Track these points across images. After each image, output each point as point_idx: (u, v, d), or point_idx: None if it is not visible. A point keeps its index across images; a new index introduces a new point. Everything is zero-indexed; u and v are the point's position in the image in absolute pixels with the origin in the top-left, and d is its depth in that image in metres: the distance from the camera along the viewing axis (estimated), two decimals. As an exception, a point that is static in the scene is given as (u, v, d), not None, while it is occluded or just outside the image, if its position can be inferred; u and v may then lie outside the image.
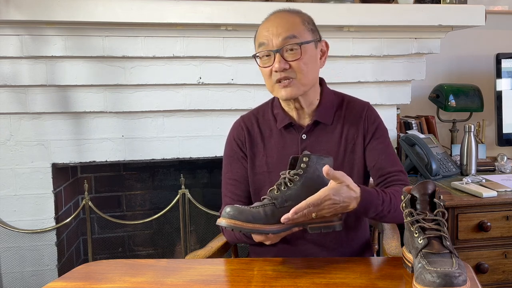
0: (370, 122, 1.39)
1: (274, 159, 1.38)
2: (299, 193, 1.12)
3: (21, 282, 2.02)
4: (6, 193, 1.98)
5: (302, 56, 1.27)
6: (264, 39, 1.29)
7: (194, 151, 2.11)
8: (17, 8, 1.77)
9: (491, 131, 2.54)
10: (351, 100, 1.44)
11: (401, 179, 1.34)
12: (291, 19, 1.31)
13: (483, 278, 1.86)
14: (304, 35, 1.30)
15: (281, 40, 1.27)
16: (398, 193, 1.25)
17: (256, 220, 1.08)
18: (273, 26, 1.29)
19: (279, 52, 1.27)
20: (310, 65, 1.31)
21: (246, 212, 1.08)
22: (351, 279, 1.08)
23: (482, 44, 2.59)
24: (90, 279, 1.13)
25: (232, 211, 1.08)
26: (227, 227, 1.08)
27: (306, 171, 1.14)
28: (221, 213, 1.10)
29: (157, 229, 2.51)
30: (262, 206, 1.10)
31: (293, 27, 1.29)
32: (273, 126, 1.41)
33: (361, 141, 1.37)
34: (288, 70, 1.28)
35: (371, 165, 1.37)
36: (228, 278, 1.15)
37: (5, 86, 1.91)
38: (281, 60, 1.27)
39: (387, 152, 1.37)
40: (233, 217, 1.07)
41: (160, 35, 1.96)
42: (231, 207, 1.09)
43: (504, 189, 1.91)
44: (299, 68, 1.28)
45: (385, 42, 2.14)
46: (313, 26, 1.34)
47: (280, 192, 1.12)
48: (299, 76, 1.29)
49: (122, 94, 2.01)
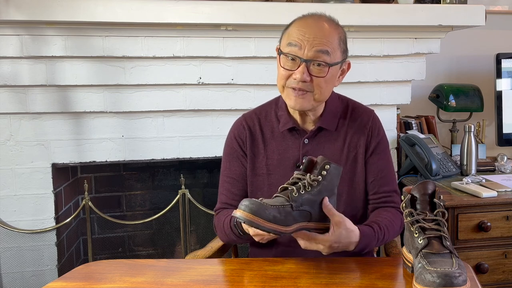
0: (374, 134, 1.39)
1: (274, 161, 1.38)
2: (315, 199, 1.12)
3: (21, 282, 2.02)
4: (6, 193, 1.98)
5: (327, 75, 1.26)
6: (297, 42, 1.24)
7: (194, 151, 2.11)
8: (17, 8, 1.77)
9: (491, 131, 2.54)
10: (356, 106, 1.43)
11: (394, 201, 1.37)
12: (330, 33, 1.26)
13: (483, 278, 1.86)
14: (336, 55, 1.27)
15: (314, 53, 1.23)
16: (391, 224, 1.30)
17: (275, 220, 1.05)
18: (311, 33, 1.24)
19: (306, 63, 1.24)
20: (330, 84, 1.29)
21: (267, 210, 1.04)
22: (351, 279, 1.08)
23: (482, 44, 2.59)
24: (90, 279, 1.13)
25: (253, 206, 1.03)
26: (245, 221, 1.03)
27: (325, 179, 1.14)
28: (239, 206, 1.05)
29: (157, 229, 2.50)
30: (281, 206, 1.07)
31: (329, 43, 1.25)
32: (275, 128, 1.40)
33: (362, 152, 1.37)
34: (307, 83, 1.25)
35: (369, 181, 1.38)
36: (228, 278, 1.15)
37: (5, 86, 1.91)
38: (306, 72, 1.24)
39: (386, 169, 1.39)
40: (254, 212, 1.03)
41: (160, 35, 1.96)
42: (250, 201, 1.04)
43: (504, 189, 1.91)
44: (318, 85, 1.26)
45: (385, 42, 2.14)
46: (345, 46, 1.32)
47: (298, 195, 1.10)
48: (315, 92, 1.27)
49: (122, 94, 2.01)
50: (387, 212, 1.34)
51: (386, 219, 1.30)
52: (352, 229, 1.17)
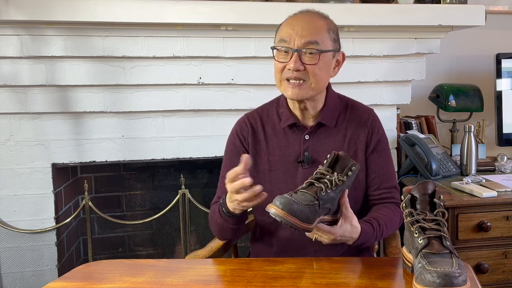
0: (374, 132, 1.41)
1: (276, 157, 1.40)
2: (336, 197, 1.14)
3: (21, 282, 2.02)
4: (6, 193, 1.98)
5: (319, 62, 1.29)
6: (287, 36, 1.29)
7: (194, 151, 2.11)
8: (17, 8, 1.77)
9: (491, 131, 2.54)
10: (355, 104, 1.46)
11: (394, 197, 1.41)
12: (318, 23, 1.32)
13: (483, 278, 1.86)
14: (326, 43, 1.31)
15: (303, 43, 1.28)
16: (390, 221, 1.33)
17: (308, 219, 1.06)
18: (299, 26, 1.29)
19: (297, 52, 1.28)
20: (324, 72, 1.32)
21: (300, 209, 1.05)
22: (351, 279, 1.08)
23: (482, 44, 2.59)
24: (90, 279, 1.13)
25: (289, 205, 1.04)
26: (281, 220, 1.03)
27: (350, 179, 1.16)
28: (274, 202, 1.05)
29: (157, 229, 2.50)
30: (311, 206, 1.08)
31: (317, 32, 1.30)
32: (277, 125, 1.42)
33: (363, 148, 1.40)
34: (302, 72, 1.29)
35: (370, 177, 1.41)
36: (228, 278, 1.15)
37: (5, 86, 1.91)
38: (298, 61, 1.28)
39: (386, 167, 1.42)
40: (291, 212, 1.03)
41: (160, 35, 1.96)
42: (284, 199, 1.05)
43: (504, 189, 1.91)
44: (313, 72, 1.29)
45: (385, 42, 2.14)
46: (336, 36, 1.36)
47: (326, 194, 1.11)
48: (310, 80, 1.30)
49: (122, 94, 2.01)
50: (386, 209, 1.36)
51: (386, 216, 1.33)
52: (356, 226, 1.21)
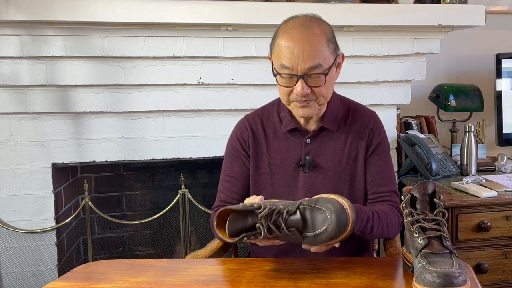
0: (375, 135, 1.40)
1: (277, 160, 1.39)
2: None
3: (21, 282, 2.02)
4: (6, 193, 1.98)
5: (325, 83, 1.27)
6: (288, 62, 1.24)
7: (194, 151, 2.11)
8: (17, 8, 1.77)
9: (491, 131, 2.54)
10: (357, 107, 1.45)
11: (392, 200, 1.38)
12: (316, 40, 1.25)
13: (483, 278, 1.86)
14: (328, 59, 1.26)
15: (307, 68, 1.23)
16: (384, 214, 1.29)
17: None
18: (299, 49, 1.23)
19: (303, 78, 1.24)
20: (330, 87, 1.31)
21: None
22: (351, 279, 1.08)
23: (482, 44, 2.59)
24: (90, 279, 1.13)
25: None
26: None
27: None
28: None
29: (157, 229, 2.50)
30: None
31: (319, 53, 1.24)
32: (278, 128, 1.41)
33: (363, 151, 1.39)
34: (309, 94, 1.27)
35: (368, 180, 1.39)
36: (228, 278, 1.15)
37: (5, 86, 1.91)
38: (304, 86, 1.25)
39: (385, 170, 1.40)
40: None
41: (160, 35, 1.96)
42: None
43: (504, 189, 1.91)
44: (320, 93, 1.28)
45: (385, 42, 2.14)
46: (334, 44, 1.31)
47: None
48: (319, 99, 1.29)
49: (122, 94, 2.01)
50: (383, 205, 1.35)
51: (380, 209, 1.31)
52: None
